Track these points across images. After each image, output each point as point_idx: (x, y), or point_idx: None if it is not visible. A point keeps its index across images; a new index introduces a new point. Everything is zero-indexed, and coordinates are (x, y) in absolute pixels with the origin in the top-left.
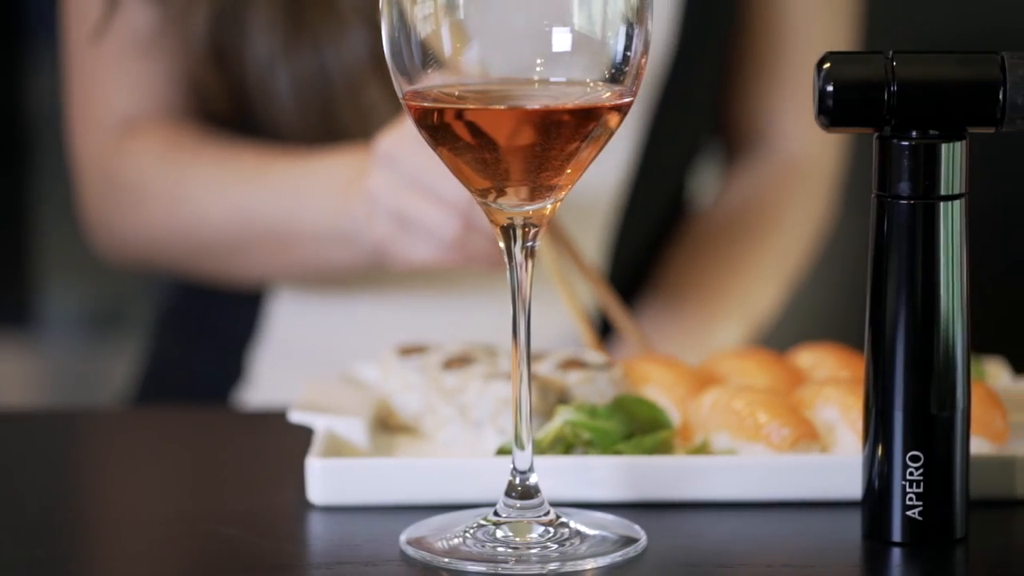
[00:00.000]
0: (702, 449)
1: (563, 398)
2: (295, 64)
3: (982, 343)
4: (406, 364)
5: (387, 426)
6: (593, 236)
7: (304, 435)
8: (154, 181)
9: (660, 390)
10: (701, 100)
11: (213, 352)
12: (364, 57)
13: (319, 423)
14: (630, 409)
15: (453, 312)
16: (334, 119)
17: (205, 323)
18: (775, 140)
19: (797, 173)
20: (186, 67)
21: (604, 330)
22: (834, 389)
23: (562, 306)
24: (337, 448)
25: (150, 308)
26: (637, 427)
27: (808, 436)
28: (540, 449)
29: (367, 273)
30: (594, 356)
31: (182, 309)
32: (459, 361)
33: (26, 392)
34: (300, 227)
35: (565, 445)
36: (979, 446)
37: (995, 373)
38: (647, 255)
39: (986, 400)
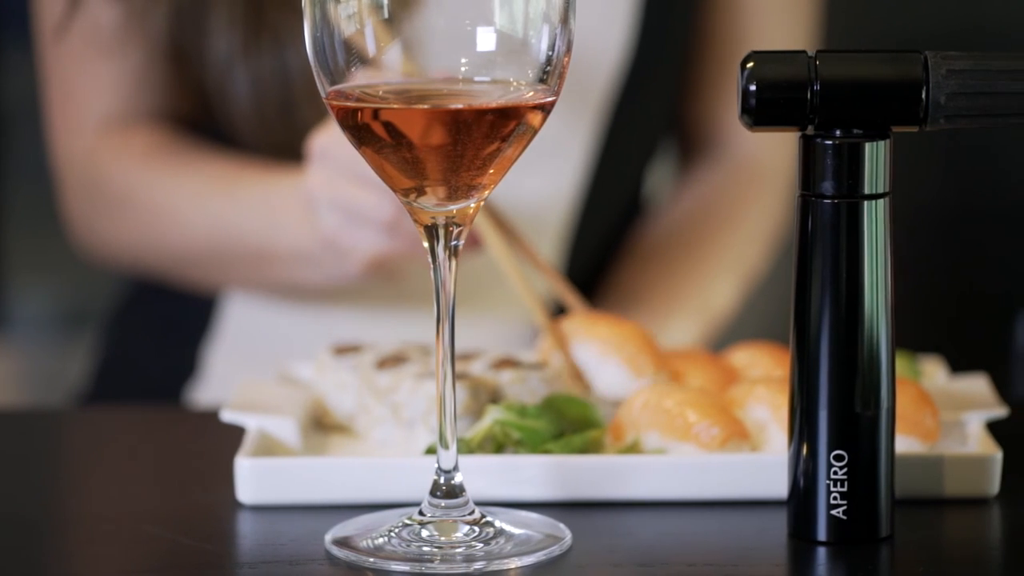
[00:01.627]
0: (632, 448)
1: (495, 397)
2: (254, 64)
3: (920, 342)
4: (340, 363)
5: (322, 425)
6: (551, 236)
7: (243, 435)
8: (137, 188)
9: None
10: (659, 102)
11: (167, 349)
12: None
13: (251, 423)
14: (560, 408)
15: (407, 310)
16: (294, 120)
17: (158, 319)
18: (732, 142)
19: (753, 175)
20: (151, 66)
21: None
22: (765, 388)
23: (513, 291)
24: (269, 448)
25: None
26: (567, 426)
27: (738, 435)
28: (469, 448)
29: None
30: (527, 355)
31: (136, 306)
32: (392, 360)
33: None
34: (276, 246)
35: (496, 444)
36: (909, 445)
37: (932, 372)
38: (604, 255)
39: (917, 399)
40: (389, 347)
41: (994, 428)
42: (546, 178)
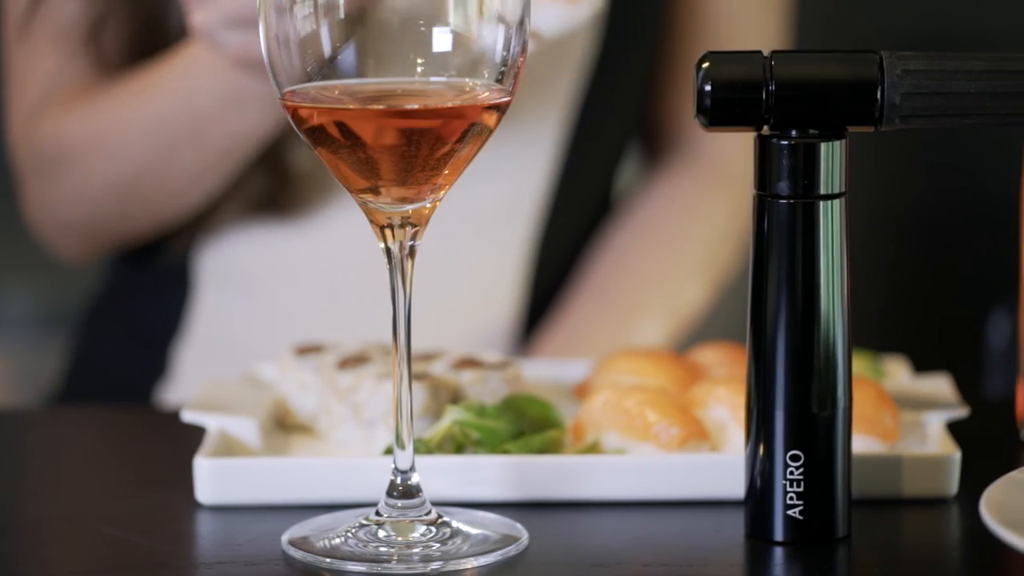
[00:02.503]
0: (592, 449)
1: (456, 398)
2: None
3: (884, 341)
4: (302, 364)
5: (284, 426)
6: (519, 236)
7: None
8: (70, 135)
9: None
10: (627, 102)
11: (137, 348)
12: None
13: (211, 423)
14: (520, 408)
15: (380, 308)
16: None
17: (129, 319)
18: (699, 142)
19: (720, 175)
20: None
21: (531, 323)
22: (725, 388)
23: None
24: (229, 448)
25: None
26: (527, 426)
27: (697, 435)
28: (428, 448)
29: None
30: (489, 356)
31: (106, 305)
32: (354, 361)
33: None
34: (204, 107)
35: (456, 445)
36: (869, 445)
37: (895, 372)
38: (573, 253)
39: (876, 399)
40: (351, 347)
41: (955, 428)
42: (513, 179)
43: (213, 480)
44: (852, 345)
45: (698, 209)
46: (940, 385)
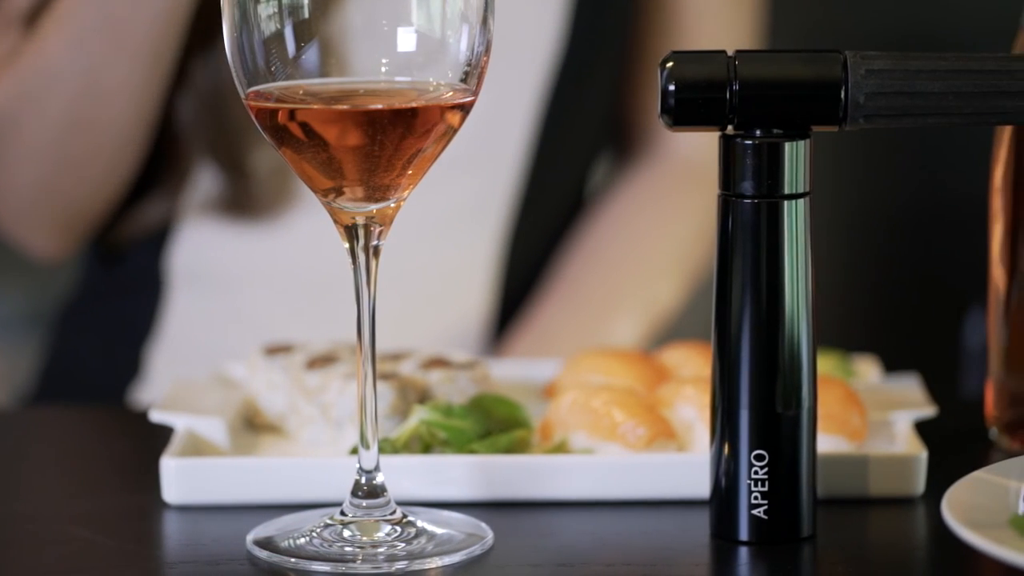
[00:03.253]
0: (560, 448)
1: (424, 397)
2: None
3: (862, 341)
4: (271, 363)
5: (253, 425)
6: (490, 234)
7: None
8: None
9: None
10: (597, 100)
11: (111, 349)
12: None
13: (179, 423)
14: (488, 408)
15: (351, 308)
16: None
17: (102, 320)
18: (671, 139)
19: (693, 171)
20: None
21: (502, 322)
22: (693, 388)
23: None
24: (197, 448)
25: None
26: (494, 426)
27: (664, 435)
28: (395, 448)
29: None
30: (458, 355)
31: (81, 306)
32: (322, 361)
33: None
34: None
35: (424, 445)
36: (836, 444)
37: (865, 371)
38: (545, 251)
39: (844, 399)
40: (320, 347)
41: (926, 428)
42: (482, 177)
43: (180, 480)
44: (817, 344)
45: (670, 207)
46: (909, 385)
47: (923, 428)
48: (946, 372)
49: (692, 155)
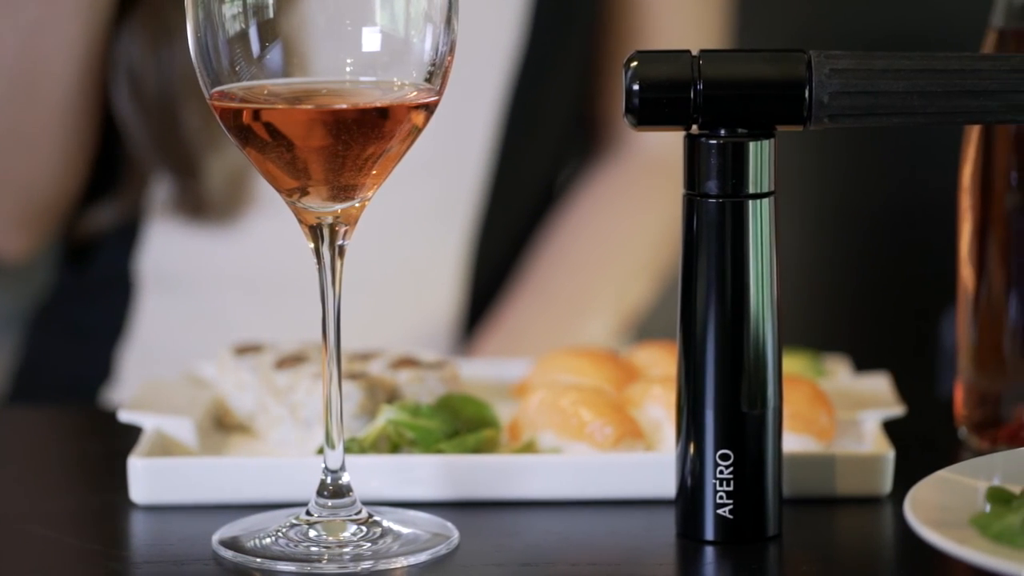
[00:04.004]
0: (528, 448)
1: (393, 397)
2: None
3: (832, 341)
4: (240, 363)
5: (223, 425)
6: (458, 234)
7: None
8: None
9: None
10: (563, 96)
11: (82, 351)
12: None
13: (148, 423)
14: (456, 408)
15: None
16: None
17: (74, 322)
18: (637, 135)
19: (659, 167)
20: None
21: (472, 320)
22: (661, 387)
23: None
24: (166, 448)
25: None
26: (462, 426)
27: (632, 435)
28: (362, 448)
29: None
30: (427, 355)
31: (53, 309)
32: (291, 360)
33: None
34: None
35: (392, 444)
36: (804, 444)
37: (836, 370)
38: (514, 248)
39: (812, 398)
40: (289, 347)
41: (896, 427)
42: (448, 176)
43: (147, 480)
44: (782, 344)
45: (638, 203)
46: (879, 384)
47: (894, 427)
48: (924, 371)
49: (659, 151)
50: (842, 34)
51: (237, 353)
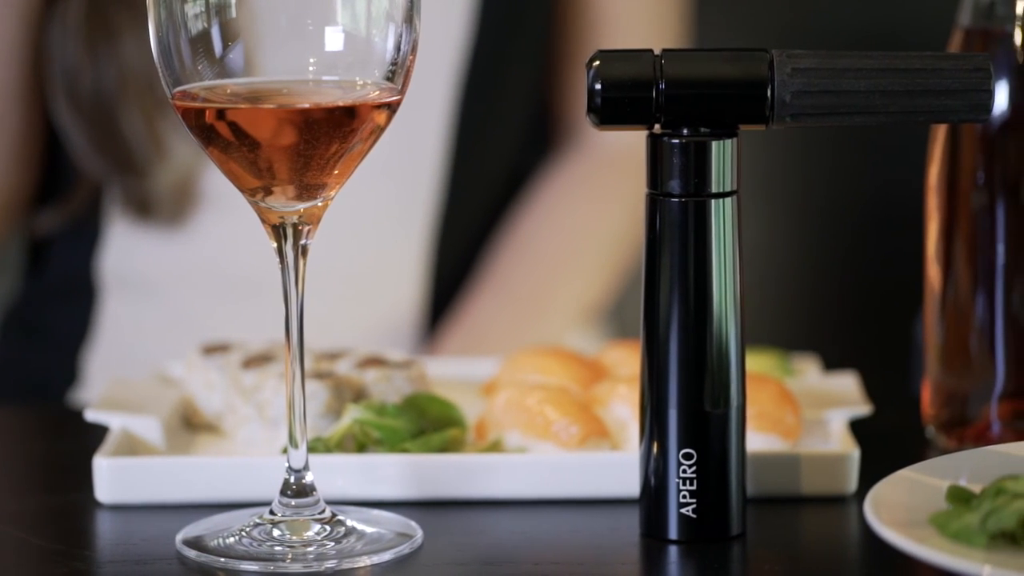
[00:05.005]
0: (494, 447)
1: (360, 396)
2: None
3: (799, 340)
4: (208, 363)
5: (191, 425)
6: (417, 233)
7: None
8: None
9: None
10: (519, 91)
11: (49, 355)
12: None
13: (114, 422)
14: (422, 407)
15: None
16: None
17: (39, 326)
18: (593, 133)
19: (618, 161)
20: None
21: (435, 317)
22: (627, 387)
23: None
24: (132, 447)
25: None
26: (428, 425)
27: (597, 434)
28: (327, 447)
29: None
30: (394, 354)
31: (18, 313)
32: (258, 360)
33: None
34: None
35: (358, 444)
36: (770, 443)
37: (805, 370)
38: (475, 245)
39: (778, 397)
40: (256, 346)
41: (865, 426)
42: (403, 176)
43: (112, 479)
44: (746, 343)
45: (598, 198)
46: (847, 383)
47: (863, 427)
48: (897, 370)
49: (618, 145)
50: (807, 33)
51: (205, 353)
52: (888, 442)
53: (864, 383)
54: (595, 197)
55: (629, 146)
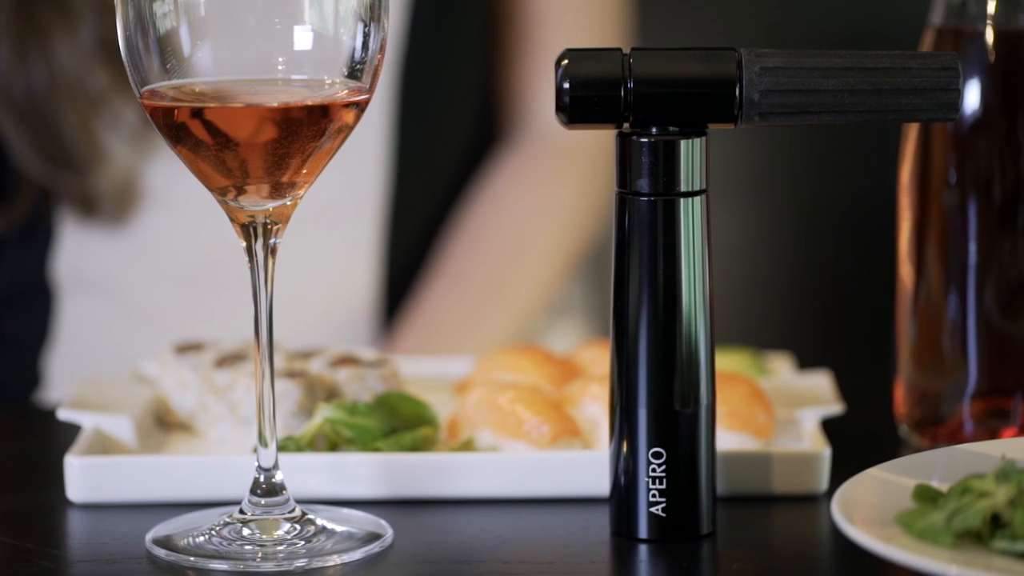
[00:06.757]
0: (466, 447)
1: (332, 395)
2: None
3: (773, 339)
4: (181, 362)
5: (165, 424)
6: (368, 227)
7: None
8: None
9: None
10: (462, 82)
11: (9, 360)
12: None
13: (86, 421)
14: (393, 406)
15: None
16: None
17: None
18: (540, 124)
19: (568, 151)
20: None
21: (389, 313)
22: (599, 386)
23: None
24: (104, 446)
25: None
26: (399, 424)
27: (568, 433)
28: (299, 446)
29: None
30: (367, 353)
31: None
32: (231, 359)
33: None
34: None
35: (330, 443)
36: (741, 442)
37: (778, 369)
38: (427, 235)
39: (749, 396)
40: (230, 345)
41: (838, 425)
42: (351, 171)
43: (83, 478)
44: (715, 342)
45: (547, 190)
46: (820, 382)
47: (836, 426)
48: (873, 369)
49: (566, 134)
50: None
51: (178, 351)
52: (861, 441)
53: (841, 382)
54: (543, 186)
55: (574, 135)
